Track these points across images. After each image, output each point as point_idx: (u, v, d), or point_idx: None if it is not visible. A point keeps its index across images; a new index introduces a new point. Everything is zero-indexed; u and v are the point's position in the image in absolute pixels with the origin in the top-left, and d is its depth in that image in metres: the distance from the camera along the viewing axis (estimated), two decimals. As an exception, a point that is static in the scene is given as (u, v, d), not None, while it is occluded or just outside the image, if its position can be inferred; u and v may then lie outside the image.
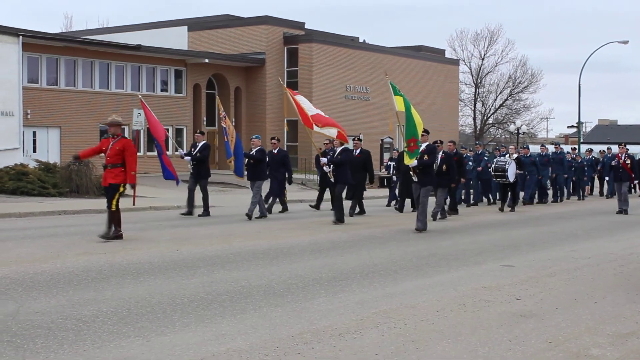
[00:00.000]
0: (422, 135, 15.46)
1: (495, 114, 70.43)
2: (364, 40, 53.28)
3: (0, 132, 30.29)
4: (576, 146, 38.15)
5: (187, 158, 18.08)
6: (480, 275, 9.90)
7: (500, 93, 69.37)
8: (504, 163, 21.42)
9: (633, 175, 22.17)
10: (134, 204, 20.08)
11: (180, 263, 10.34)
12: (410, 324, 7.05)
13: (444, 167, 18.50)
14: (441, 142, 18.80)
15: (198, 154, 17.87)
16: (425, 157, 15.36)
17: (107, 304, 7.60)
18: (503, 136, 70.43)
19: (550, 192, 27.07)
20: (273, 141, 19.52)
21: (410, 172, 15.67)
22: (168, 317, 7.11)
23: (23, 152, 31.48)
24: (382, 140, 41.32)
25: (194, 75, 40.96)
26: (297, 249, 12.09)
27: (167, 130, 39.05)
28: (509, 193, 21.56)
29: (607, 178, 27.31)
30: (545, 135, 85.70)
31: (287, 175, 19.65)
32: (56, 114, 34.39)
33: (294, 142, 43.31)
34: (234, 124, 42.17)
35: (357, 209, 19.28)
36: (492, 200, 24.42)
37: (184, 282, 8.94)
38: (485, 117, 70.20)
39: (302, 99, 18.70)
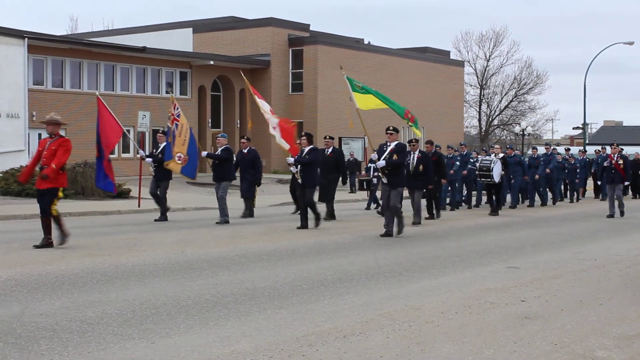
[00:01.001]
0: (391, 133, 14.57)
1: (501, 115, 70.36)
2: (369, 42, 53.34)
3: (6, 134, 30.36)
4: (570, 147, 37.42)
5: (149, 160, 17.35)
6: (485, 277, 9.87)
7: (505, 94, 69.33)
8: (489, 162, 20.56)
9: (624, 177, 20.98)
10: (139, 206, 20.13)
11: (185, 265, 10.33)
12: (415, 326, 7.03)
13: (421, 167, 17.26)
14: (416, 141, 17.64)
15: (160, 155, 17.11)
16: (395, 156, 14.24)
17: (112, 306, 7.59)
18: (508, 137, 70.33)
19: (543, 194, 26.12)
20: (242, 140, 18.76)
21: (379, 173, 14.84)
22: (172, 319, 7.10)
23: (28, 154, 31.50)
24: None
25: (199, 77, 41.00)
26: (302, 251, 12.08)
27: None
28: (495, 196, 20.60)
29: (599, 182, 25.86)
30: (551, 136, 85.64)
31: (256, 177, 18.54)
32: (61, 115, 34.31)
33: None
34: (238, 125, 42.32)
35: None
36: (470, 206, 23.18)
37: (188, 284, 8.94)
38: (490, 119, 70.13)
39: (261, 102, 17.81)
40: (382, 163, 14.15)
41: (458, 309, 7.81)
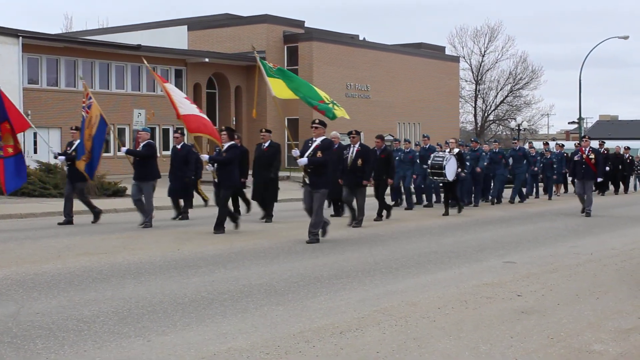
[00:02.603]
0: (317, 127, 13.12)
1: (496, 110, 70.38)
2: (364, 38, 53.31)
3: (1, 133, 30.27)
4: (549, 141, 36.70)
5: (62, 158, 16.06)
6: (481, 272, 9.88)
7: (500, 90, 69.35)
8: (441, 159, 18.70)
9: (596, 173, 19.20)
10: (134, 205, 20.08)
11: (181, 262, 10.33)
12: (411, 322, 7.03)
13: (359, 161, 15.70)
14: (357, 133, 16.14)
15: (73, 153, 15.72)
16: (319, 153, 12.82)
17: (108, 304, 7.58)
18: (504, 133, 70.40)
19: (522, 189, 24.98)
20: (176, 135, 17.55)
21: (304, 174, 13.22)
22: (169, 317, 7.10)
23: (24, 153, 31.48)
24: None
25: (194, 74, 40.96)
26: (298, 248, 12.07)
27: (168, 129, 39.35)
28: (450, 195, 19.10)
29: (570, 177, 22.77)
30: (547, 131, 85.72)
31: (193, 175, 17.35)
32: (57, 114, 34.40)
33: (294, 140, 43.29)
34: (234, 123, 42.27)
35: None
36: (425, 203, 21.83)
37: (185, 281, 8.93)
38: (486, 114, 70.16)
39: (172, 89, 15.63)
40: (304, 160, 12.75)
41: (454, 304, 7.82)
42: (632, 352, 6.18)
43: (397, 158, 20.43)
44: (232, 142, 14.43)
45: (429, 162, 19.05)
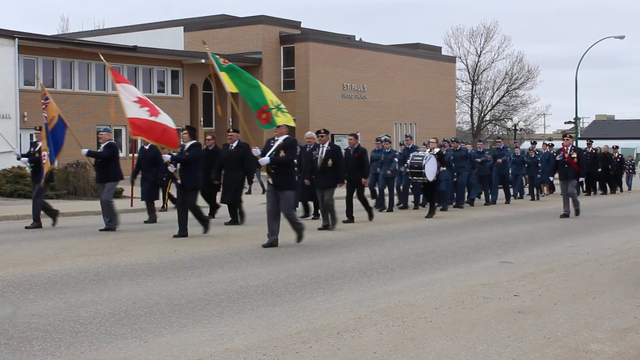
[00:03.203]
0: (278, 126, 12.60)
1: (493, 110, 70.47)
2: (360, 39, 53.35)
3: (-3, 135, 30.23)
4: (537, 140, 35.97)
5: (25, 160, 15.65)
6: (478, 272, 9.89)
7: (497, 90, 69.44)
8: (420, 159, 17.95)
9: (579, 172, 18.53)
10: (131, 205, 20.07)
11: (178, 264, 10.32)
12: (408, 322, 7.03)
13: (329, 162, 15.00)
14: (325, 132, 15.44)
15: (37, 155, 15.15)
16: (282, 152, 12.29)
17: (105, 306, 7.58)
18: (501, 133, 70.47)
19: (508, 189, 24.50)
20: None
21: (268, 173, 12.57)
22: (166, 318, 7.09)
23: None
24: (377, 139, 41.25)
25: (190, 75, 40.95)
26: (295, 249, 12.07)
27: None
28: (430, 195, 18.44)
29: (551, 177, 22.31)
30: (543, 131, 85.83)
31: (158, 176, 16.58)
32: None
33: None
34: (230, 123, 42.25)
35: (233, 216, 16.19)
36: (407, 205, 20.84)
37: (181, 282, 8.93)
38: (482, 114, 70.22)
39: (126, 90, 14.79)
40: (265, 160, 12.16)
41: (451, 305, 7.82)
42: (628, 351, 6.19)
43: (377, 159, 20.05)
44: (194, 141, 13.92)
45: (408, 161, 18.42)
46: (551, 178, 21.05)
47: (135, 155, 18.82)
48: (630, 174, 32.85)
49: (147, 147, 16.51)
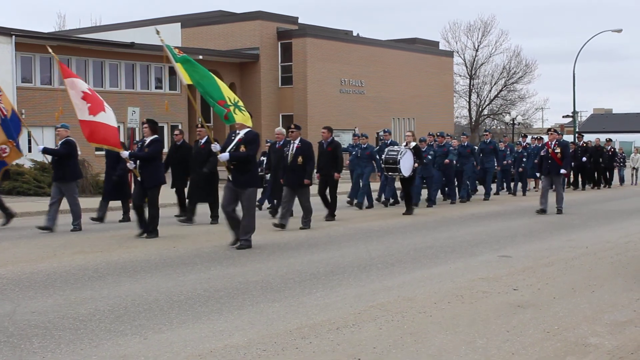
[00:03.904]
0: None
1: (491, 105, 70.50)
2: (358, 34, 53.28)
3: (-5, 132, 30.21)
4: (526, 133, 35.39)
5: None
6: (477, 267, 9.90)
7: (494, 84, 69.48)
8: (395, 153, 17.28)
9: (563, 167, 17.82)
10: (130, 202, 20.04)
11: (177, 260, 10.32)
12: (408, 317, 7.04)
13: (299, 159, 14.32)
14: (297, 127, 14.77)
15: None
16: (242, 147, 11.56)
17: (104, 303, 7.58)
18: (499, 127, 70.48)
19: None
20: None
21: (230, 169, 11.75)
22: (165, 315, 7.10)
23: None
24: (377, 133, 41.32)
25: (188, 72, 40.86)
26: (294, 244, 12.07)
27: (163, 127, 39.29)
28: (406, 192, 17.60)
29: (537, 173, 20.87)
30: (541, 125, 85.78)
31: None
32: (51, 113, 34.09)
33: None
34: (229, 120, 42.19)
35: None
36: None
37: (180, 279, 8.93)
38: (480, 109, 70.24)
39: (76, 85, 14.39)
40: (225, 156, 11.50)
41: (450, 299, 7.83)
42: (627, 345, 6.20)
43: (354, 153, 19.62)
44: (155, 136, 13.08)
45: (383, 156, 17.74)
46: (537, 174, 19.88)
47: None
48: (620, 167, 32.39)
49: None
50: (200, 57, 40.70)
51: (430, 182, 19.66)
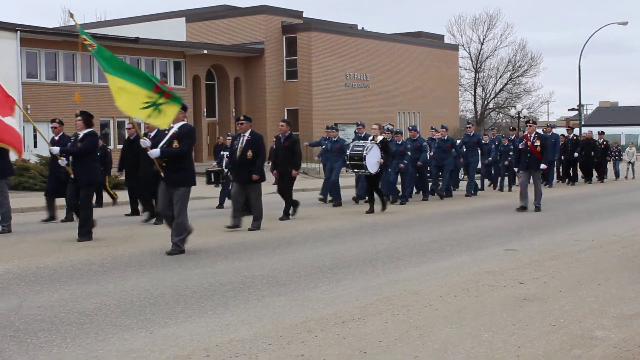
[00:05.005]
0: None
1: (496, 98, 70.44)
2: (363, 28, 53.20)
3: (1, 127, 30.28)
4: (515, 127, 33.93)
5: None
6: (483, 260, 9.88)
7: (500, 77, 69.39)
8: (361, 149, 16.16)
9: (543, 161, 16.91)
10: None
11: (183, 255, 10.33)
12: (413, 310, 7.04)
13: (249, 154, 13.17)
14: (246, 119, 13.48)
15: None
16: (175, 143, 10.64)
17: (110, 297, 7.59)
18: (504, 120, 70.37)
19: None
20: (54, 124, 15.23)
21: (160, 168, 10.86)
22: (171, 309, 7.10)
23: (24, 147, 31.44)
24: (383, 127, 41.19)
25: (193, 66, 40.87)
26: (300, 238, 12.07)
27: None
28: (373, 189, 16.57)
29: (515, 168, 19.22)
30: (547, 118, 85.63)
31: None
32: (56, 108, 34.30)
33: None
34: (234, 114, 42.22)
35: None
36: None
37: (186, 273, 8.94)
38: (485, 102, 70.15)
39: None
40: (155, 152, 10.57)
41: (456, 293, 7.82)
42: (634, 338, 6.18)
43: (324, 147, 18.98)
44: (90, 130, 12.13)
45: (348, 152, 16.55)
46: (515, 169, 18.64)
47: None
48: (616, 161, 31.64)
49: (57, 137, 14.81)
50: (205, 51, 40.76)
51: (405, 176, 19.01)
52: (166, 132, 10.83)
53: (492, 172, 24.30)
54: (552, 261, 9.79)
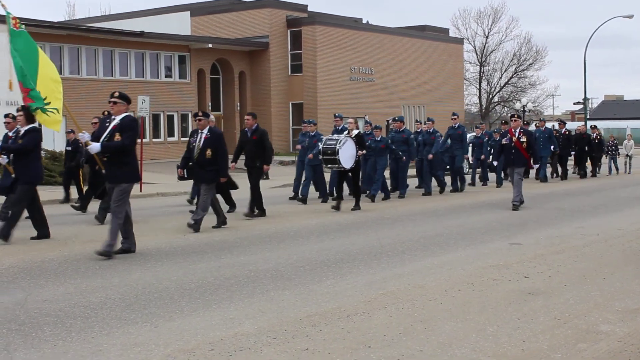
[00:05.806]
0: (115, 102, 9.96)
1: (501, 92, 70.22)
2: (367, 21, 53.13)
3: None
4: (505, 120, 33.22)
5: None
6: (488, 254, 9.88)
7: (505, 71, 69.14)
8: (334, 143, 15.14)
9: (531, 158, 16.06)
10: (140, 191, 20.12)
11: (188, 249, 10.34)
12: (418, 304, 7.04)
13: (208, 152, 12.30)
14: (205, 115, 12.64)
15: None
16: (117, 136, 9.77)
17: (115, 291, 7.60)
18: (509, 114, 70.20)
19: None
20: (7, 119, 12.97)
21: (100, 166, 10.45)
22: (176, 303, 7.11)
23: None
24: (387, 121, 41.19)
25: (197, 60, 40.86)
26: (304, 232, 12.08)
27: (173, 116, 39.34)
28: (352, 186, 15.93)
29: (495, 162, 18.40)
30: (552, 112, 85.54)
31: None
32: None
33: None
34: (238, 108, 42.21)
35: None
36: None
37: (191, 267, 8.95)
38: (490, 96, 69.99)
39: None
40: (96, 147, 9.73)
41: (461, 287, 7.82)
42: (639, 332, 6.18)
43: (302, 143, 18.02)
44: (32, 126, 11.31)
45: (320, 146, 15.54)
46: (495, 163, 17.90)
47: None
48: (613, 156, 30.12)
49: (10, 133, 12.45)
50: (210, 45, 40.76)
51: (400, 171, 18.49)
52: (107, 124, 10.04)
53: (480, 168, 23.55)
54: (556, 255, 9.78)
